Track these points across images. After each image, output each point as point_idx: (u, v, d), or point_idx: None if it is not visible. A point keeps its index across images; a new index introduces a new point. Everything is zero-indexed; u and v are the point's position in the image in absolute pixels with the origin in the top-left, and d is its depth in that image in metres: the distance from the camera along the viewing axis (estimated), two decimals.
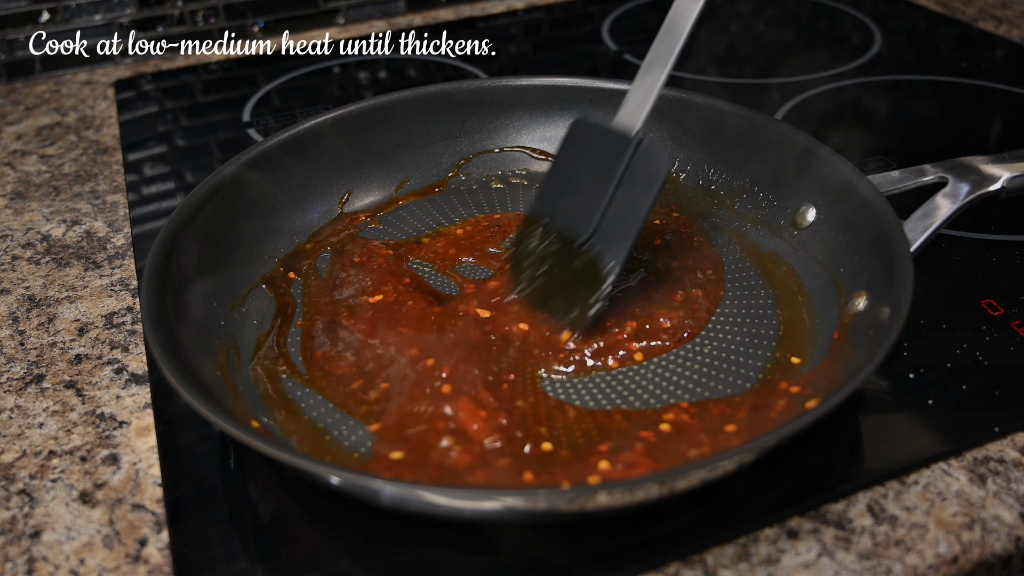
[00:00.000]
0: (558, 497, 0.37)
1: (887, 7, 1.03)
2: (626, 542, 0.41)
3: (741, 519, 0.42)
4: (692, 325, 0.53)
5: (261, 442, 0.38)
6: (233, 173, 0.57)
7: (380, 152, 0.66)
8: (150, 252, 0.49)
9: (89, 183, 0.75)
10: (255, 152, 0.59)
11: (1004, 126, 0.78)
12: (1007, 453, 0.46)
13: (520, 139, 0.69)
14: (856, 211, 0.52)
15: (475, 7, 1.07)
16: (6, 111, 0.88)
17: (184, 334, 0.47)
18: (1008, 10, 1.01)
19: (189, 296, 0.50)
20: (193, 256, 0.52)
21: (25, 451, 0.49)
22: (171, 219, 0.52)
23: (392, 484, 0.37)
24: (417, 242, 0.62)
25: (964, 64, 0.88)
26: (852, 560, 0.40)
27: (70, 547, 0.43)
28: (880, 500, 0.43)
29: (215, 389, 0.46)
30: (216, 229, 0.55)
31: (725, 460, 0.37)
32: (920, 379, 0.50)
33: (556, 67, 0.92)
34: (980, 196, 0.52)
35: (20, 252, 0.66)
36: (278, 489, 0.45)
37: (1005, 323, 0.53)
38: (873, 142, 0.75)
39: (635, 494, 0.37)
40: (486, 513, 0.39)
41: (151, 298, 0.46)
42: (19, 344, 0.56)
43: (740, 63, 0.91)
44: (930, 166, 0.54)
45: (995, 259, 0.59)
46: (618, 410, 0.47)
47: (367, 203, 0.65)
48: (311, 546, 0.42)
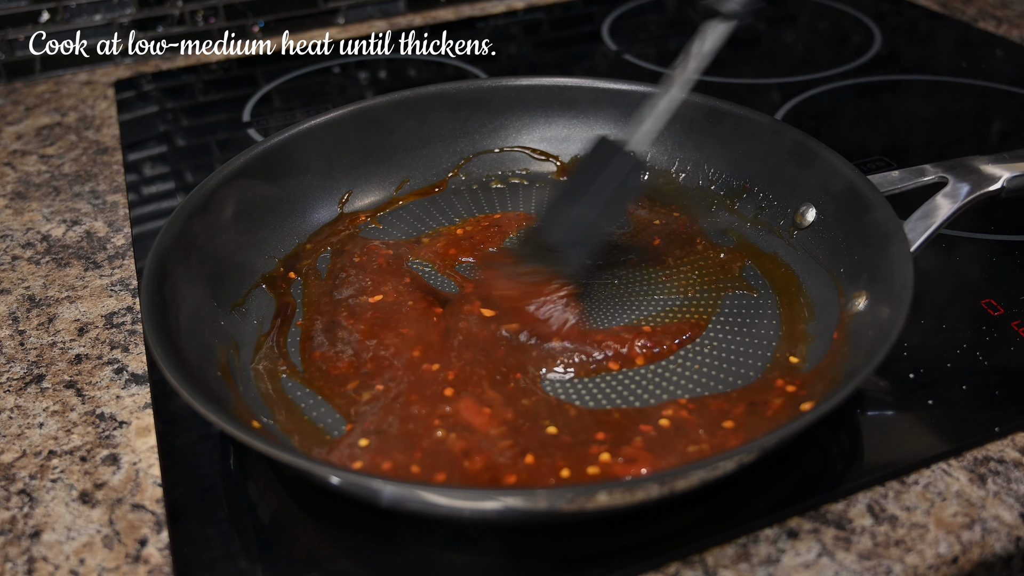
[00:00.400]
0: (558, 497, 0.37)
1: (887, 7, 1.03)
2: (626, 542, 0.41)
3: (741, 519, 0.42)
4: (692, 326, 0.53)
5: (261, 442, 0.38)
6: (233, 173, 0.57)
7: (380, 152, 0.66)
8: (150, 252, 0.49)
9: (89, 183, 0.75)
10: (255, 152, 0.59)
11: (1004, 126, 0.78)
12: (1007, 453, 0.46)
13: (520, 139, 0.69)
14: (856, 211, 0.52)
15: (475, 7, 1.07)
16: (6, 111, 0.88)
17: (184, 334, 0.47)
18: (1008, 10, 1.01)
19: (189, 296, 0.50)
20: (193, 256, 0.52)
21: (25, 451, 0.49)
22: (171, 219, 0.52)
23: (392, 484, 0.37)
24: (417, 242, 0.62)
25: (964, 64, 0.88)
26: (852, 560, 0.40)
27: (70, 547, 0.43)
28: (880, 500, 0.43)
29: (215, 389, 0.46)
30: (216, 229, 0.55)
31: (725, 460, 0.37)
32: (920, 379, 0.50)
33: (556, 67, 0.92)
34: (980, 196, 0.52)
35: (20, 252, 0.66)
36: (278, 489, 0.45)
37: (1005, 323, 0.53)
38: (873, 142, 0.75)
39: (635, 494, 0.37)
40: (486, 513, 0.39)
41: (151, 298, 0.46)
42: (19, 344, 0.56)
43: (740, 63, 0.91)
44: (930, 166, 0.54)
45: (995, 259, 0.59)
46: (618, 409, 0.47)
47: (367, 203, 0.65)
48: (311, 546, 0.42)
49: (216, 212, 0.55)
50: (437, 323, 0.53)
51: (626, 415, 0.46)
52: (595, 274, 0.57)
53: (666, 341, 0.51)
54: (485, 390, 0.47)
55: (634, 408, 0.47)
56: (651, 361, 0.50)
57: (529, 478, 0.42)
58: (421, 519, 0.41)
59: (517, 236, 0.61)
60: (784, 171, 0.59)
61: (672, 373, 0.50)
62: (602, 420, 0.46)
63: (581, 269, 0.53)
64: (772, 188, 0.60)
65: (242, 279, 0.56)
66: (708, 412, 0.46)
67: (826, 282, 0.54)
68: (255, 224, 0.59)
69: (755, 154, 0.61)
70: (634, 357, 0.50)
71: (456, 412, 0.46)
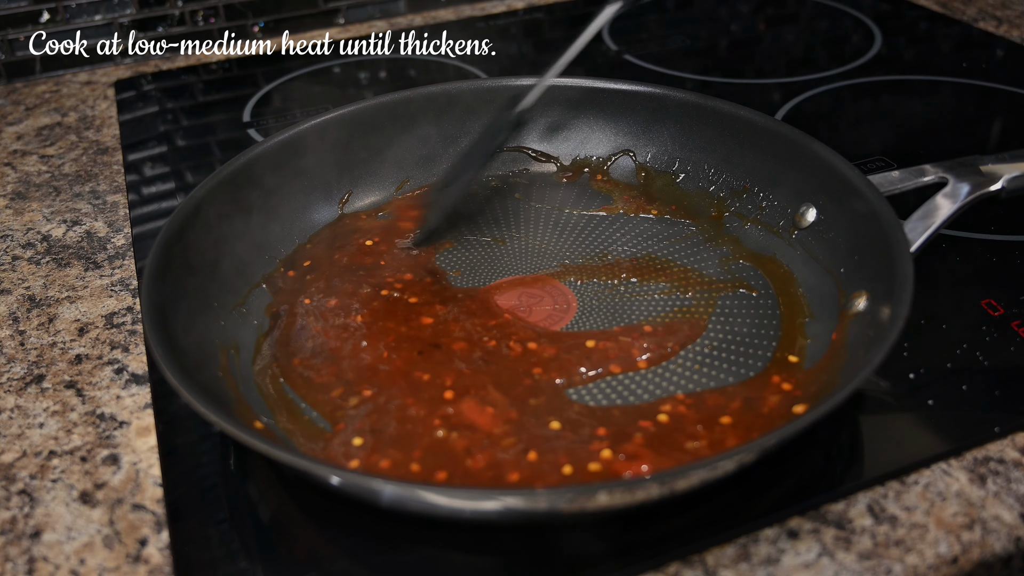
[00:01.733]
0: (559, 497, 0.37)
1: (887, 7, 1.03)
2: (626, 542, 0.41)
3: (741, 519, 0.42)
4: (692, 325, 0.53)
5: (261, 441, 0.38)
6: (233, 173, 0.57)
7: (380, 152, 0.66)
8: (150, 252, 0.49)
9: (89, 183, 0.75)
10: (255, 152, 0.59)
11: (1004, 126, 0.78)
12: (1007, 453, 0.46)
13: (520, 139, 0.69)
14: (856, 211, 0.52)
15: (475, 7, 1.07)
16: (6, 111, 0.88)
17: (184, 334, 0.47)
18: (1008, 10, 1.01)
19: (189, 296, 0.50)
20: (193, 256, 0.52)
21: (25, 451, 0.49)
22: (170, 220, 0.52)
23: (392, 484, 0.37)
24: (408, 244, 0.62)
25: (964, 64, 0.88)
26: (852, 560, 0.40)
27: (70, 547, 0.43)
28: (880, 500, 0.43)
29: (217, 390, 0.46)
30: (216, 229, 0.55)
31: (726, 460, 0.37)
32: (920, 379, 0.50)
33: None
34: (980, 196, 0.52)
35: (20, 252, 0.66)
36: (278, 489, 0.45)
37: (1005, 323, 0.53)
38: (873, 142, 0.75)
39: (635, 494, 0.37)
40: (486, 514, 0.39)
41: (151, 299, 0.46)
42: (19, 344, 0.56)
43: (740, 63, 0.91)
44: (930, 166, 0.54)
45: (995, 259, 0.59)
46: (616, 407, 0.47)
47: (367, 203, 0.65)
48: (311, 546, 0.42)
49: (216, 212, 0.55)
50: (425, 332, 0.52)
51: (625, 412, 0.47)
52: (597, 274, 0.57)
53: (668, 342, 0.51)
54: (489, 391, 0.47)
55: (632, 405, 0.47)
56: (653, 363, 0.50)
57: (532, 476, 0.42)
58: (423, 519, 0.41)
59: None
60: (784, 171, 0.59)
61: (672, 373, 0.50)
62: (602, 418, 0.46)
63: (445, 208, 0.61)
64: (772, 188, 0.60)
65: (242, 279, 0.56)
66: (705, 407, 0.46)
67: (826, 282, 0.54)
68: (255, 224, 0.59)
69: (755, 154, 0.61)
70: (635, 357, 0.50)
71: (458, 413, 0.46)
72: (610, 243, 0.61)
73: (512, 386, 0.48)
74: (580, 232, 0.62)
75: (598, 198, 0.66)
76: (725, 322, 0.53)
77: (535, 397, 0.48)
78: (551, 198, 0.66)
